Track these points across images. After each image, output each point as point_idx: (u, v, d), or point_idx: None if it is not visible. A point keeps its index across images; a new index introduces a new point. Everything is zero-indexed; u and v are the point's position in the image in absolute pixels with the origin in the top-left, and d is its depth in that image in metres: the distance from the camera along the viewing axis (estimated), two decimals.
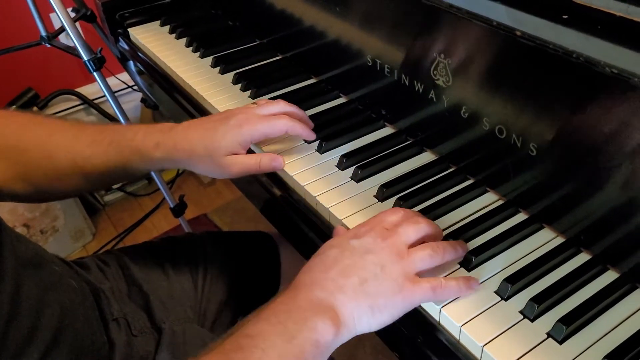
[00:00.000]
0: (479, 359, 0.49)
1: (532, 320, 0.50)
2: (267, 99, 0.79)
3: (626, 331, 0.49)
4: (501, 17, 0.52)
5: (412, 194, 0.64)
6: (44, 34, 1.33)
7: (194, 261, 0.84)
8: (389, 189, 0.64)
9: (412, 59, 0.66)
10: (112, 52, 1.15)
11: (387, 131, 0.75)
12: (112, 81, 1.50)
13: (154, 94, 1.07)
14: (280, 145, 0.73)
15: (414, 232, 0.53)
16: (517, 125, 0.56)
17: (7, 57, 1.42)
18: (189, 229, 1.56)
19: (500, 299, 0.52)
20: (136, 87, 1.71)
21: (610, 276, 0.54)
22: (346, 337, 0.49)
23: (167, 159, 0.65)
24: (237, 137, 0.64)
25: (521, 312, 0.51)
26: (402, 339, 0.55)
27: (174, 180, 1.87)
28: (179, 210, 1.45)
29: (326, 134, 0.73)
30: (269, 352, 0.44)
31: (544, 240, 0.58)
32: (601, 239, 0.54)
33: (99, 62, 1.17)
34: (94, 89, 1.72)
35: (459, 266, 0.56)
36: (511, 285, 0.52)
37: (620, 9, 0.44)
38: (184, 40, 1.00)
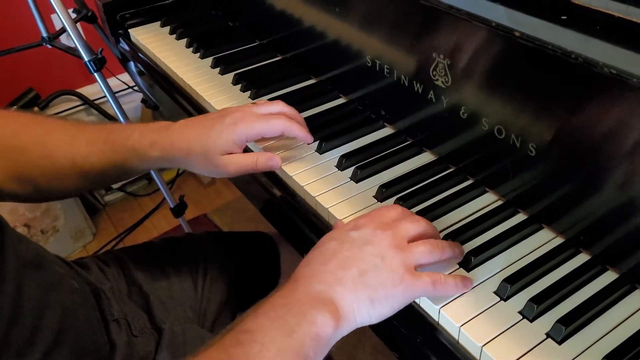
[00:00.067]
0: (478, 359, 0.49)
1: (532, 320, 0.50)
2: (266, 100, 0.79)
3: (625, 332, 0.49)
4: (500, 17, 0.52)
5: (411, 194, 0.64)
6: (45, 34, 1.33)
7: (194, 261, 0.84)
8: (389, 190, 0.64)
9: (411, 59, 0.66)
10: (113, 52, 1.15)
11: (386, 131, 0.75)
12: (112, 82, 1.50)
13: (154, 94, 1.07)
14: (279, 145, 0.73)
15: (414, 227, 0.53)
16: (516, 125, 0.56)
17: (8, 57, 1.42)
18: (189, 229, 1.56)
19: (499, 299, 0.52)
20: (137, 88, 1.72)
21: (609, 277, 0.54)
22: (346, 330, 0.48)
23: (164, 157, 0.65)
24: (232, 135, 0.63)
25: (520, 313, 0.51)
26: (401, 339, 0.55)
27: (174, 180, 1.87)
28: (179, 210, 1.45)
29: (326, 134, 0.73)
30: (268, 346, 0.44)
31: (544, 240, 0.58)
32: (600, 240, 0.54)
33: (100, 63, 1.18)
34: (94, 89, 1.72)
35: (458, 266, 0.56)
36: (510, 285, 0.52)
37: (619, 9, 0.44)
38: (185, 41, 1.00)
